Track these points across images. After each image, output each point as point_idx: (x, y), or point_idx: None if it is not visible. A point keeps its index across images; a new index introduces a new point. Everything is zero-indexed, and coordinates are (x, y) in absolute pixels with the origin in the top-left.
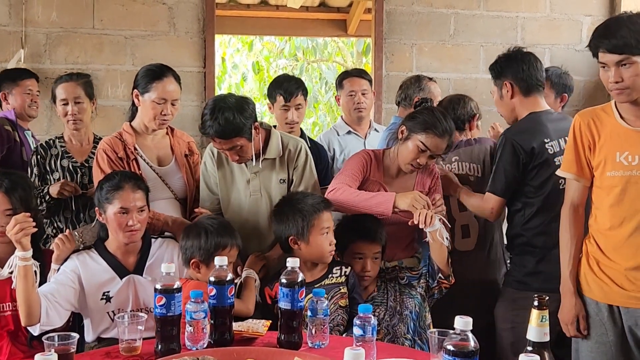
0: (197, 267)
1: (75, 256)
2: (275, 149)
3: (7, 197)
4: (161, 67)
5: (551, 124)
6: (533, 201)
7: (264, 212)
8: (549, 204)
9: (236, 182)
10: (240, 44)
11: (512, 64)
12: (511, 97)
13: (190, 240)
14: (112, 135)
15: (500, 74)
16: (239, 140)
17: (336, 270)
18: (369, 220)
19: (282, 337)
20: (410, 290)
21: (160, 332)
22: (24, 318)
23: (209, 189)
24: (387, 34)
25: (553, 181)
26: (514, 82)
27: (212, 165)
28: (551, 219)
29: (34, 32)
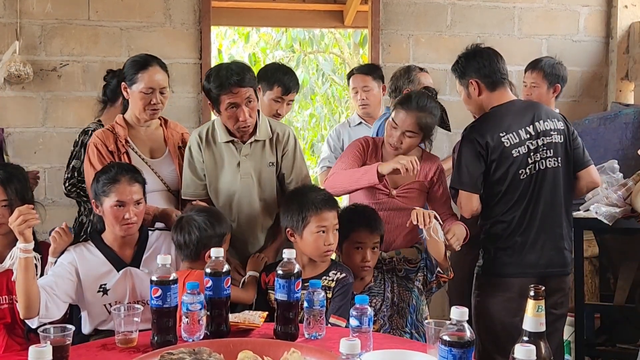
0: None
1: (73, 249)
2: (265, 131)
3: (2, 189)
4: (146, 57)
5: (511, 115)
6: (494, 192)
7: (255, 195)
8: (508, 194)
9: (225, 165)
10: (236, 35)
11: (473, 62)
12: (478, 94)
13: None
14: (103, 128)
15: (464, 73)
16: (252, 93)
17: (332, 274)
18: (368, 209)
19: (278, 329)
20: (408, 283)
21: (157, 323)
22: (23, 311)
23: (194, 175)
24: (384, 25)
25: (512, 172)
26: (479, 79)
27: (198, 150)
28: (509, 209)
29: (29, 23)
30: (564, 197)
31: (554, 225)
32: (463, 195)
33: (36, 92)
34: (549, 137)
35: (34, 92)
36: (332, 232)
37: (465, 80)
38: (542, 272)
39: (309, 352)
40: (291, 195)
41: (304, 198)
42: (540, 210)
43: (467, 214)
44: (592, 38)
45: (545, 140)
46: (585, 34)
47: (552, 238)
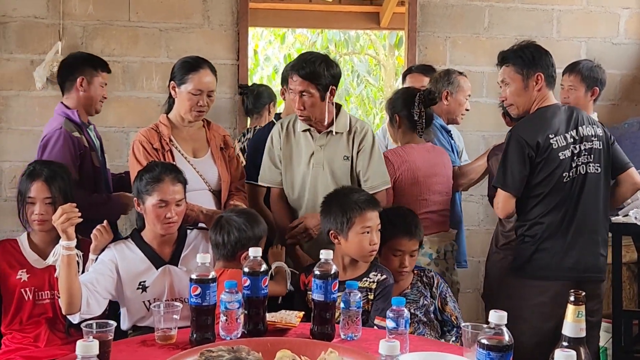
0: (244, 259)
1: (113, 246)
2: (343, 124)
3: (47, 186)
4: (197, 59)
5: (557, 118)
6: (536, 194)
7: (323, 186)
8: (550, 197)
9: (300, 154)
10: (272, 36)
11: (543, 57)
12: (539, 89)
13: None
14: (148, 127)
15: (534, 64)
16: (311, 89)
17: (372, 275)
18: (409, 214)
19: (315, 329)
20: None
21: (195, 321)
22: (65, 306)
23: (271, 162)
24: (421, 27)
25: (557, 175)
26: (543, 74)
27: (278, 138)
28: (549, 211)
29: (71, 24)
30: (602, 204)
31: (591, 231)
32: (503, 196)
33: None
34: (590, 142)
35: None
36: (376, 232)
37: (532, 72)
38: (578, 276)
39: (345, 353)
40: (332, 197)
41: (346, 199)
42: (579, 215)
43: (503, 214)
44: (633, 41)
45: (587, 146)
46: (625, 36)
47: (590, 243)
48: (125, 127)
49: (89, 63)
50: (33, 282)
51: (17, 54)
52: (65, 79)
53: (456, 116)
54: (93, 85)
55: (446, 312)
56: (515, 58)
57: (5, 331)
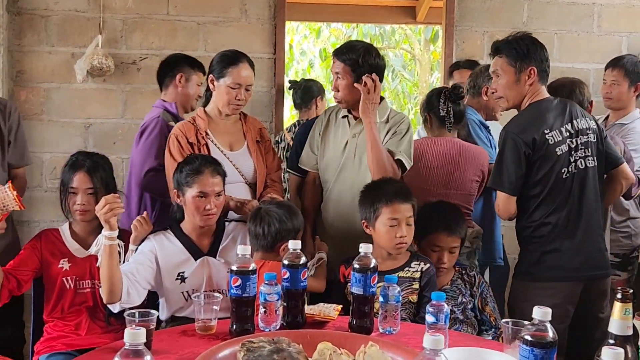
0: (283, 250)
1: (153, 237)
2: (380, 114)
3: (89, 177)
4: (236, 52)
5: (550, 112)
6: (536, 193)
7: (351, 174)
8: (552, 195)
9: (337, 140)
10: (307, 30)
11: (537, 50)
12: (531, 83)
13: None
14: (185, 121)
15: (527, 58)
16: (346, 73)
17: (415, 265)
18: (451, 209)
19: (353, 322)
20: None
21: (235, 312)
22: (106, 296)
23: (309, 147)
24: (458, 21)
25: (556, 172)
26: (537, 67)
27: (320, 124)
28: (553, 210)
29: (111, 18)
30: (600, 198)
31: (596, 227)
32: (502, 197)
33: (116, 85)
34: (586, 135)
35: (114, 84)
36: (405, 225)
37: (525, 65)
38: (588, 275)
39: (385, 347)
40: (366, 187)
41: (378, 190)
42: (585, 211)
43: (505, 216)
44: None
45: (583, 139)
46: None
47: (595, 240)
48: None
49: (188, 62)
50: (74, 271)
51: (59, 47)
52: (164, 75)
53: (495, 112)
54: (190, 82)
55: (485, 313)
56: (509, 49)
57: (48, 319)
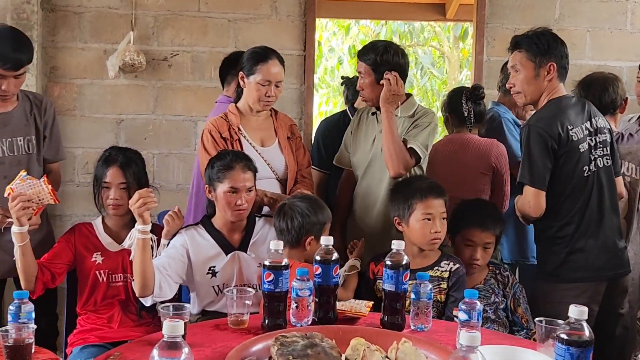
0: (309, 245)
1: (184, 231)
2: (405, 109)
3: (121, 172)
4: (266, 49)
5: (571, 109)
6: (561, 190)
7: (378, 169)
8: (575, 193)
9: (367, 136)
10: (336, 27)
11: (557, 46)
12: (549, 79)
13: (295, 220)
14: (218, 116)
15: (547, 53)
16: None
17: (444, 264)
18: (487, 206)
19: (385, 319)
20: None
21: (268, 307)
22: (139, 289)
23: (344, 145)
24: (489, 18)
25: (579, 169)
26: (556, 63)
27: (353, 125)
28: (578, 208)
29: (143, 15)
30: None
31: (615, 225)
32: (532, 193)
33: (148, 81)
34: (604, 134)
35: (145, 80)
36: (439, 220)
37: (545, 61)
38: (612, 274)
39: (418, 344)
40: (397, 184)
41: (410, 186)
42: (605, 210)
43: (537, 213)
44: None
45: (601, 138)
46: None
47: (616, 238)
48: (193, 115)
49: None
50: (107, 264)
51: (91, 43)
52: (227, 72)
53: (525, 111)
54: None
55: (517, 314)
56: (529, 44)
57: (81, 311)
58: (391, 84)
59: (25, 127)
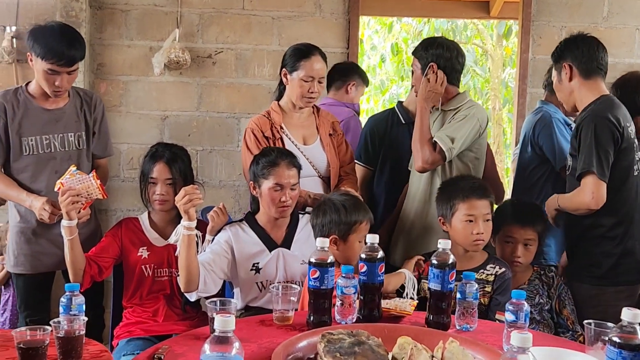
0: (334, 244)
1: (229, 228)
2: (452, 103)
3: (168, 168)
4: (308, 45)
5: (622, 107)
6: (616, 186)
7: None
8: (627, 191)
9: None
10: (379, 25)
11: (571, 47)
12: (570, 79)
13: (327, 216)
14: (260, 114)
15: (560, 57)
16: (415, 65)
17: (490, 268)
18: (526, 205)
19: (430, 318)
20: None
21: (313, 304)
22: (184, 284)
23: None
24: (536, 16)
25: (632, 167)
26: (573, 63)
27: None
28: (628, 208)
29: (188, 12)
30: None
31: None
32: (595, 183)
33: (192, 78)
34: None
35: (190, 77)
36: (483, 221)
37: (560, 65)
38: None
39: (465, 344)
40: (443, 183)
41: (454, 186)
42: None
43: (598, 205)
44: None
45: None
46: None
47: None
48: (236, 113)
49: (359, 73)
50: (153, 259)
51: (137, 40)
52: (338, 78)
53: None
54: (358, 92)
55: (563, 315)
56: (552, 56)
57: (127, 305)
58: (430, 81)
59: (76, 123)
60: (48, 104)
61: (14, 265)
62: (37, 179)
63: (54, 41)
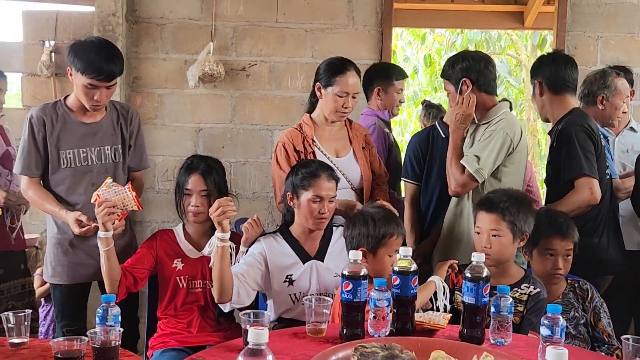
0: (364, 256)
1: (263, 239)
2: (488, 116)
3: (203, 179)
4: (343, 60)
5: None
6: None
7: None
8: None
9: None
10: (411, 37)
11: (541, 65)
12: (540, 94)
13: (357, 229)
14: (292, 127)
15: (533, 74)
16: (447, 86)
17: (524, 287)
18: (560, 215)
19: (464, 331)
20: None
21: (346, 317)
22: (218, 296)
23: None
24: (571, 27)
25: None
26: (542, 81)
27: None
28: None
29: (222, 25)
30: None
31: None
32: (588, 181)
33: (226, 90)
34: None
35: (224, 90)
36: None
37: (533, 80)
38: None
39: (499, 358)
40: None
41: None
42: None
43: (596, 199)
44: None
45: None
46: None
47: None
48: (270, 125)
49: (382, 74)
50: (187, 271)
51: (172, 54)
52: (365, 88)
53: (612, 120)
54: (388, 94)
55: (598, 328)
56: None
57: (161, 316)
58: (458, 103)
59: (113, 137)
60: (86, 117)
61: (52, 275)
62: (75, 191)
63: (93, 56)
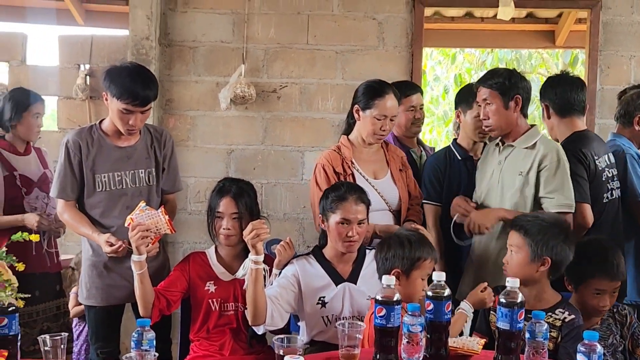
0: (397, 278)
1: (296, 261)
2: (526, 140)
3: (234, 202)
4: (382, 83)
5: (595, 142)
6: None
7: (494, 202)
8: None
9: (487, 167)
10: (442, 56)
11: (549, 88)
12: (548, 117)
13: (392, 250)
14: (331, 149)
15: (541, 96)
16: (494, 97)
17: (559, 312)
18: (610, 251)
19: (499, 357)
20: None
21: (379, 342)
22: (252, 318)
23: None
24: (603, 46)
25: (601, 195)
26: (549, 103)
27: (484, 155)
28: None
29: (253, 48)
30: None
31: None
32: (584, 207)
33: (257, 112)
34: (614, 169)
35: (255, 112)
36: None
37: (541, 102)
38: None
39: None
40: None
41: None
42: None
43: (589, 224)
44: None
45: (613, 172)
46: None
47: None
48: (301, 146)
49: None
50: (220, 293)
51: (205, 76)
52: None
53: None
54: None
55: (636, 355)
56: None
57: (194, 338)
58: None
59: (146, 160)
60: (120, 141)
61: (86, 297)
62: (109, 214)
63: (129, 82)
